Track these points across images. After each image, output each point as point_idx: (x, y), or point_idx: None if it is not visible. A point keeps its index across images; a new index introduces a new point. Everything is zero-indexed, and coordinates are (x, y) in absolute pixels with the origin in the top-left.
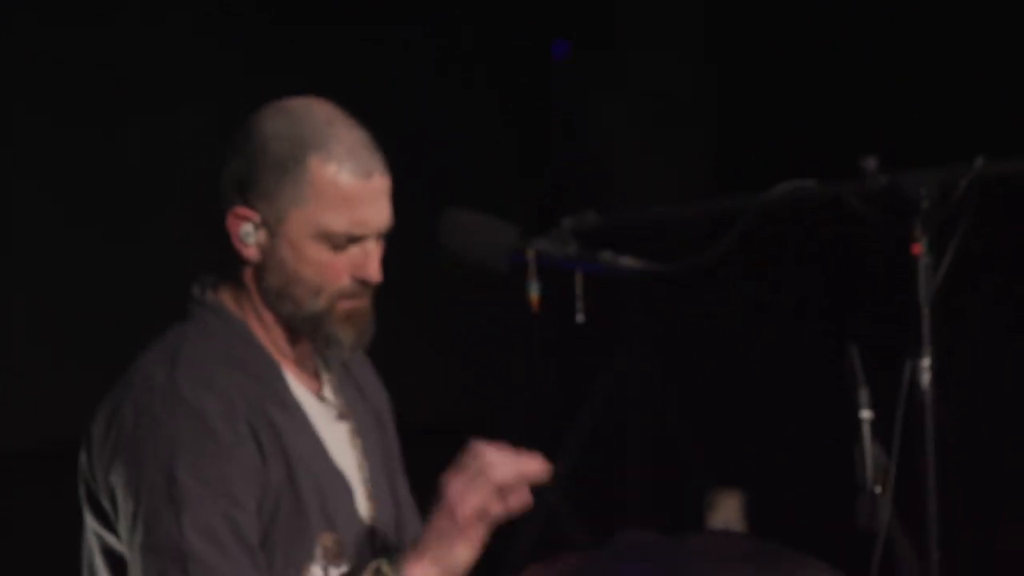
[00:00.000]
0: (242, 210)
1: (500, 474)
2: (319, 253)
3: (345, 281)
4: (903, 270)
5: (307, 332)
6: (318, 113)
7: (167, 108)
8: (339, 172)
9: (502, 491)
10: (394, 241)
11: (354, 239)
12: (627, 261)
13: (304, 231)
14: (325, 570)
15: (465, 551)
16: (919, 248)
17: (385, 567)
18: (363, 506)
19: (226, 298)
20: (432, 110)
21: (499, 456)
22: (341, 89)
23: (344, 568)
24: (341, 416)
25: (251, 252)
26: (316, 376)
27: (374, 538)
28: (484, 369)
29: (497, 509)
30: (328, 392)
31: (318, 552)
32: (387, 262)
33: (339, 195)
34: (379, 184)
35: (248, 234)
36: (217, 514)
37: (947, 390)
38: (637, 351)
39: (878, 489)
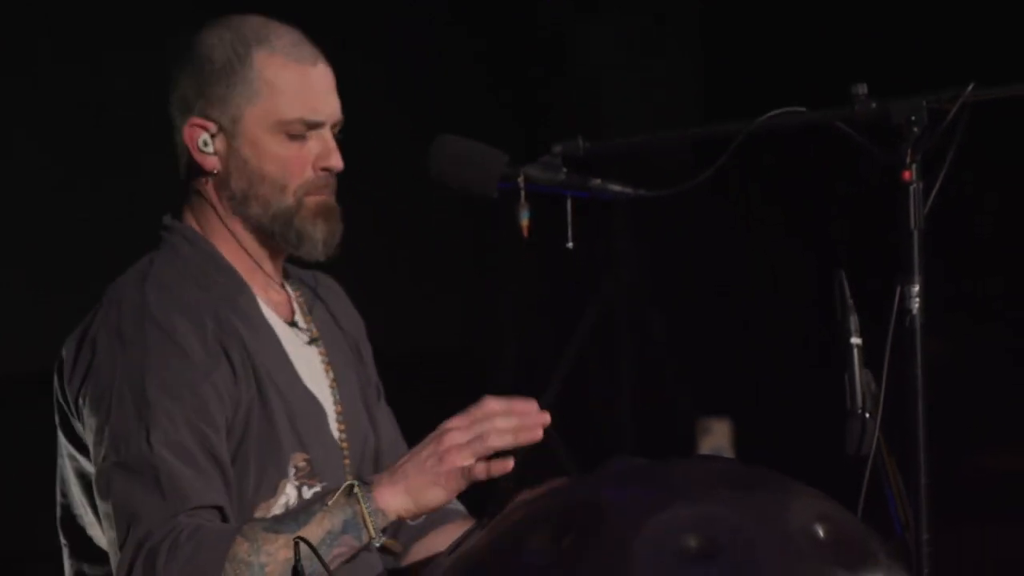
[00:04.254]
0: (197, 120)
1: (499, 440)
2: (279, 146)
3: (309, 173)
4: (893, 195)
5: (278, 233)
6: (252, 18)
7: (153, 43)
8: (286, 61)
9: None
10: (384, 169)
11: (311, 125)
12: (617, 187)
13: (262, 126)
14: (299, 489)
15: (440, 494)
16: (909, 174)
17: (358, 488)
18: (335, 429)
19: (193, 223)
20: (419, 39)
21: (505, 419)
22: (324, 22)
23: (318, 488)
24: (312, 341)
25: (211, 161)
26: (288, 304)
27: (345, 461)
28: (474, 296)
29: (481, 470)
30: (300, 319)
31: (291, 471)
32: (377, 190)
33: (290, 82)
34: (325, 71)
35: (206, 143)
36: (187, 430)
37: (937, 316)
38: (626, 277)
39: (867, 415)
